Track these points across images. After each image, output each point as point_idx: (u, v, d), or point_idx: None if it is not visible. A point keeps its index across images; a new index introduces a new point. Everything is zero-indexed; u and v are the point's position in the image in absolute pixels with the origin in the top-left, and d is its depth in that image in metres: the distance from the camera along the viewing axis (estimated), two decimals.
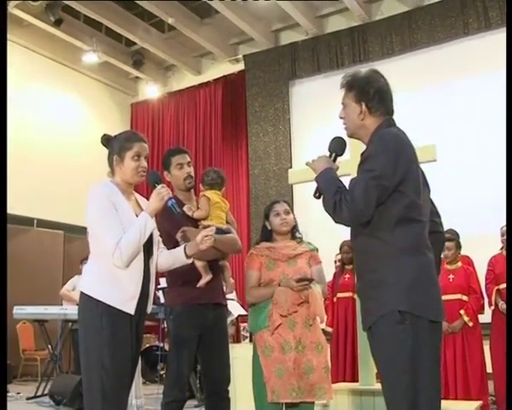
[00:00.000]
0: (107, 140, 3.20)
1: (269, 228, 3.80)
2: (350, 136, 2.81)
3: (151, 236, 3.05)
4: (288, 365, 3.45)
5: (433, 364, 2.54)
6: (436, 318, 2.55)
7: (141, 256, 3.00)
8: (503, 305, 6.09)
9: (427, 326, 2.50)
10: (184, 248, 3.23)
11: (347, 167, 4.55)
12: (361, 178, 2.51)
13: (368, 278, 2.61)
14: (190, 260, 3.26)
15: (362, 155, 2.70)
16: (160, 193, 3.03)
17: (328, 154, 2.78)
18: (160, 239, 3.28)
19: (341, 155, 2.80)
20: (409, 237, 2.54)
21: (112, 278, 2.95)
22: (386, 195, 2.51)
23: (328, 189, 2.56)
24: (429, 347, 2.51)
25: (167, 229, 3.40)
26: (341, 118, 2.78)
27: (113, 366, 2.88)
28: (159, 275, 3.28)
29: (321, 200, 2.64)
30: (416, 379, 2.45)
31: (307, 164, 2.75)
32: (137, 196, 3.25)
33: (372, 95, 2.67)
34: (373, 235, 2.56)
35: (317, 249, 3.87)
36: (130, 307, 2.95)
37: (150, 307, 3.14)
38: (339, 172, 2.79)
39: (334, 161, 2.76)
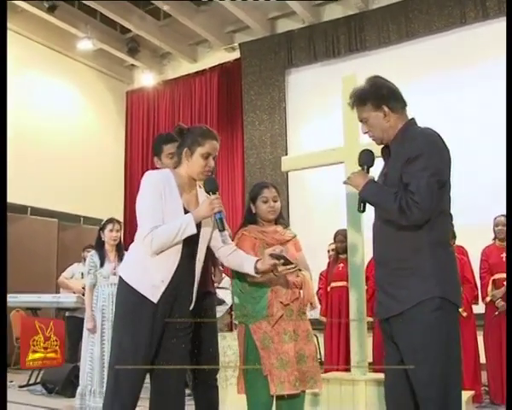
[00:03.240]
0: (180, 130, 3.16)
1: (254, 211, 3.64)
2: (380, 143, 2.93)
3: (198, 235, 3.03)
4: (290, 355, 3.36)
5: (460, 348, 2.76)
6: (460, 305, 2.84)
7: (178, 250, 2.98)
8: (495, 297, 6.07)
9: (457, 313, 2.79)
10: (255, 263, 3.21)
11: (341, 155, 4.55)
12: (420, 176, 2.63)
13: (397, 266, 2.74)
14: (257, 275, 3.25)
15: (388, 151, 2.87)
16: (212, 204, 2.98)
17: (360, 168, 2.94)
18: (229, 231, 3.28)
19: (372, 166, 2.94)
20: (444, 230, 2.78)
21: (143, 264, 2.98)
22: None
23: (384, 198, 2.74)
24: (458, 332, 2.77)
25: None
26: (365, 133, 2.93)
27: (130, 348, 2.92)
28: None
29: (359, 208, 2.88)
30: (449, 364, 2.65)
31: (345, 183, 2.98)
32: (200, 191, 3.19)
33: (387, 95, 2.83)
34: (408, 226, 2.68)
35: (295, 236, 3.73)
36: (153, 295, 2.94)
37: (192, 305, 3.11)
38: (332, 160, 2.85)
39: (367, 172, 2.92)
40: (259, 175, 10.94)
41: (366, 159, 2.94)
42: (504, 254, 6.13)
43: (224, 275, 6.13)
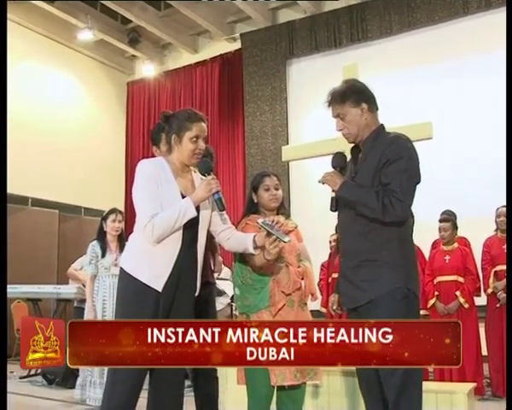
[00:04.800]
0: (166, 117, 3.14)
1: (255, 201, 3.59)
2: (353, 141, 3.06)
3: (197, 219, 3.00)
4: None
5: None
6: (419, 295, 3.02)
7: (178, 236, 2.96)
8: (497, 289, 6.04)
9: (418, 302, 2.97)
10: (254, 238, 3.11)
11: (341, 145, 4.52)
12: (402, 177, 2.82)
13: (366, 257, 2.89)
14: (256, 252, 3.16)
15: (362, 153, 3.00)
16: (210, 184, 2.97)
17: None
18: (227, 217, 3.21)
19: (345, 167, 3.07)
20: (410, 226, 2.97)
21: (144, 253, 2.96)
22: None
23: (365, 196, 2.86)
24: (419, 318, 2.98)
25: None
26: (340, 130, 3.04)
27: None
28: None
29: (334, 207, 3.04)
30: None
31: (319, 182, 3.05)
32: (195, 175, 3.17)
33: (366, 94, 3.00)
34: (378, 221, 2.83)
35: (296, 226, 3.70)
36: (157, 284, 2.92)
37: (196, 292, 3.08)
38: (333, 150, 2.92)
39: (341, 174, 3.02)
40: (260, 166, 10.89)
41: (340, 161, 3.07)
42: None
43: (223, 266, 6.09)
